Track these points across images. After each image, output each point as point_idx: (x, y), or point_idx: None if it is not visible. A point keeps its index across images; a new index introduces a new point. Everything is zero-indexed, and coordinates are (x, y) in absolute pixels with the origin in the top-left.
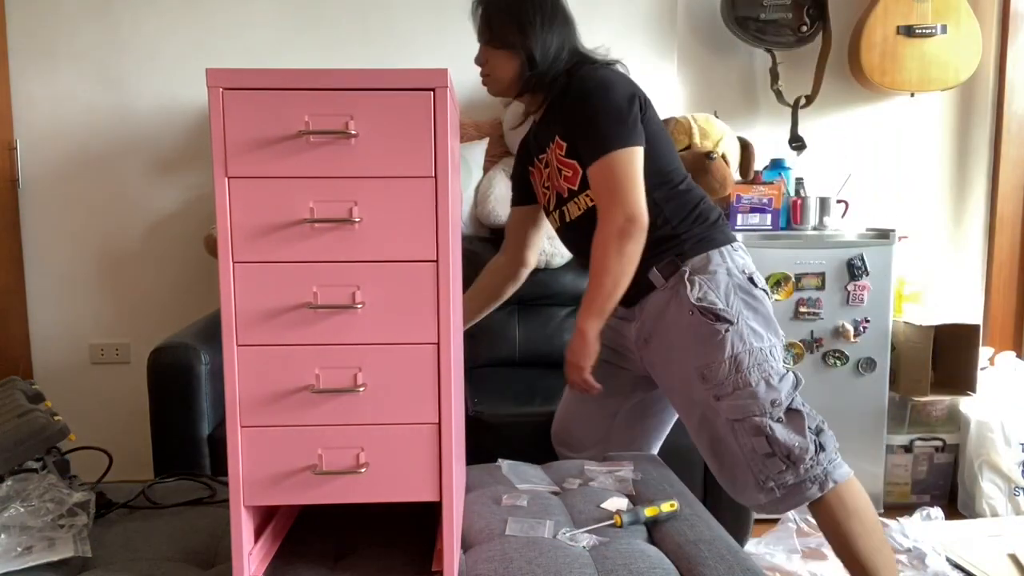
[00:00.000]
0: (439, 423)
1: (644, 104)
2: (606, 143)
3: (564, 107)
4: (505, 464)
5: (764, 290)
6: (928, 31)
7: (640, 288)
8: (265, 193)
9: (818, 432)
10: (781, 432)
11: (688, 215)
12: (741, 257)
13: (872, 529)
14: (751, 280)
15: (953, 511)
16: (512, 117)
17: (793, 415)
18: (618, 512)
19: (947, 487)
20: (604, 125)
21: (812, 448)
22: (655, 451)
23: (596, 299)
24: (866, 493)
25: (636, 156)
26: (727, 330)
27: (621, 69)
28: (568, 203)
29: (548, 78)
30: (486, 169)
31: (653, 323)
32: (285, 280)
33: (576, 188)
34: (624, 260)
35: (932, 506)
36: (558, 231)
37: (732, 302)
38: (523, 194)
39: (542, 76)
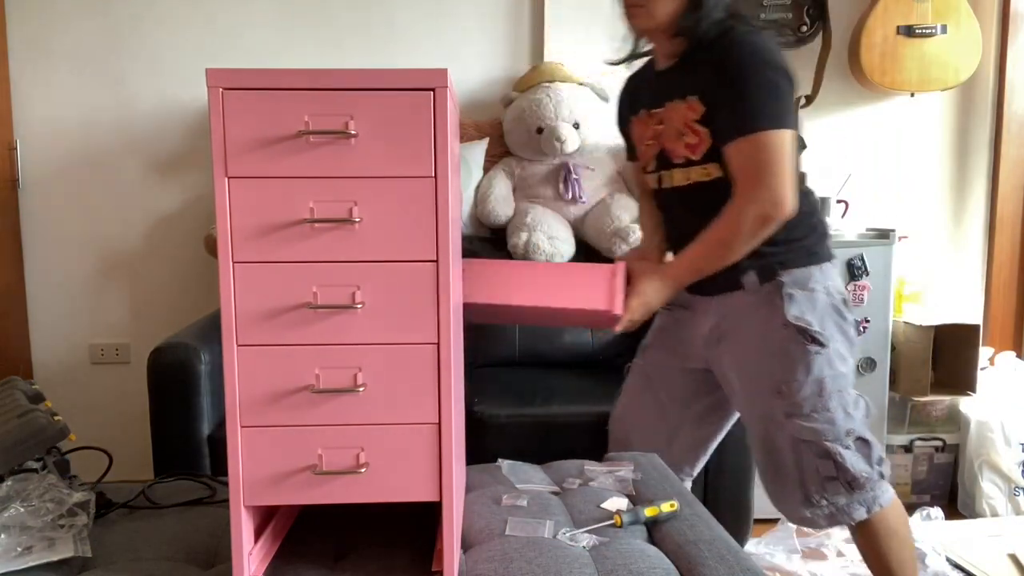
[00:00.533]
0: (439, 423)
1: (794, 88)
2: (759, 120)
3: (711, 67)
4: (505, 464)
5: (850, 311)
6: (928, 31)
7: (725, 283)
8: (265, 193)
9: (879, 462)
10: (850, 459)
11: (803, 221)
12: (835, 276)
13: (905, 545)
14: (844, 302)
15: (953, 511)
16: (512, 118)
17: (862, 444)
18: (618, 512)
19: (947, 487)
20: (760, 99)
21: (875, 477)
22: (708, 456)
23: (702, 264)
24: (904, 511)
25: (789, 140)
26: (818, 352)
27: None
28: (675, 169)
29: (703, 26)
30: (486, 169)
31: (732, 325)
32: (285, 280)
33: (697, 158)
34: (750, 245)
35: (932, 506)
36: (654, 192)
37: (826, 324)
38: (633, 149)
39: (699, 22)
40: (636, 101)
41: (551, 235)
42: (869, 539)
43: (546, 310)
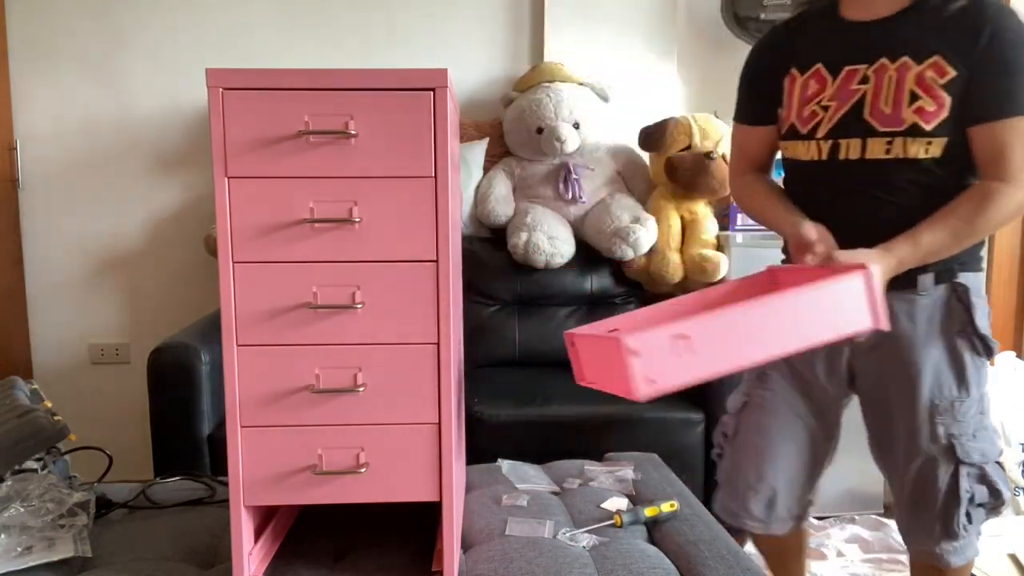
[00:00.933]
0: (439, 423)
1: None
2: None
3: (966, 28)
4: (505, 464)
5: None
6: None
7: (895, 280)
8: (265, 193)
9: None
10: (1001, 483)
11: None
12: None
13: None
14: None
15: None
16: (512, 118)
17: (999, 466)
18: (618, 512)
19: None
20: None
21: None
22: None
23: (937, 249)
24: None
25: None
26: (982, 366)
27: None
28: (874, 139)
29: None
30: (486, 169)
31: (894, 329)
32: (285, 280)
33: (928, 128)
34: (990, 234)
35: None
36: (806, 165)
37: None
38: (766, 111)
39: None
40: (800, 54)
41: (551, 235)
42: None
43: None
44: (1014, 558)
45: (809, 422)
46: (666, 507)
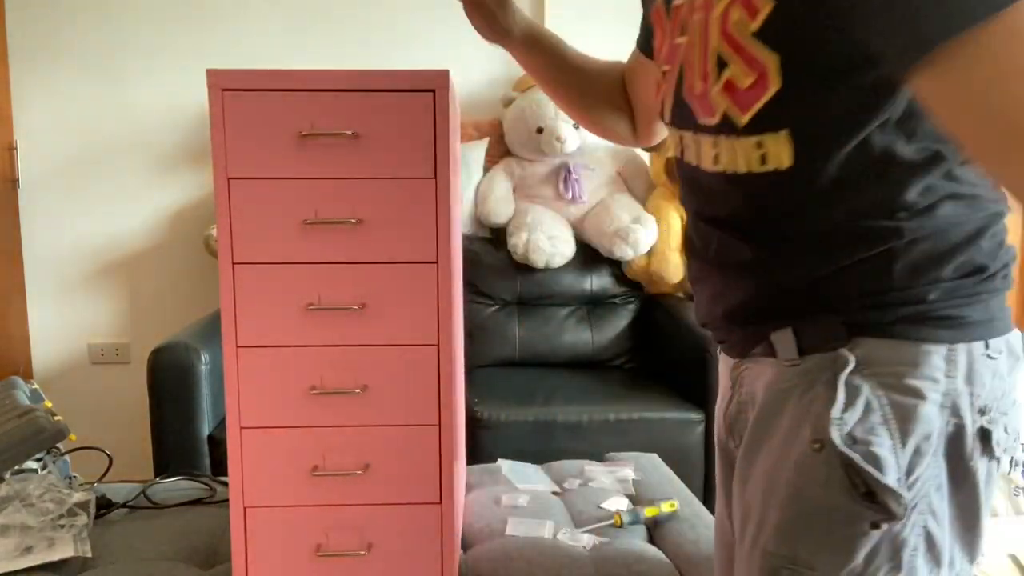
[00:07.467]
0: (439, 424)
1: None
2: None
3: None
4: (505, 464)
5: None
6: None
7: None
8: (265, 194)
9: None
10: None
11: None
12: None
13: None
14: None
15: None
16: (512, 118)
17: None
18: (618, 512)
19: None
20: None
21: None
22: None
23: None
24: None
25: None
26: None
27: None
28: (702, 135)
29: None
30: (486, 169)
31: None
32: (285, 281)
33: (743, 119)
34: None
35: None
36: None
37: None
38: (645, 37)
39: None
40: None
41: (551, 235)
42: None
43: None
44: (1014, 558)
45: None
46: (666, 507)
